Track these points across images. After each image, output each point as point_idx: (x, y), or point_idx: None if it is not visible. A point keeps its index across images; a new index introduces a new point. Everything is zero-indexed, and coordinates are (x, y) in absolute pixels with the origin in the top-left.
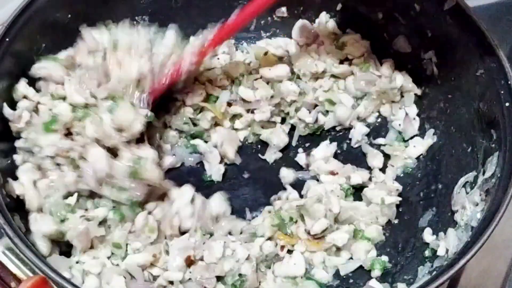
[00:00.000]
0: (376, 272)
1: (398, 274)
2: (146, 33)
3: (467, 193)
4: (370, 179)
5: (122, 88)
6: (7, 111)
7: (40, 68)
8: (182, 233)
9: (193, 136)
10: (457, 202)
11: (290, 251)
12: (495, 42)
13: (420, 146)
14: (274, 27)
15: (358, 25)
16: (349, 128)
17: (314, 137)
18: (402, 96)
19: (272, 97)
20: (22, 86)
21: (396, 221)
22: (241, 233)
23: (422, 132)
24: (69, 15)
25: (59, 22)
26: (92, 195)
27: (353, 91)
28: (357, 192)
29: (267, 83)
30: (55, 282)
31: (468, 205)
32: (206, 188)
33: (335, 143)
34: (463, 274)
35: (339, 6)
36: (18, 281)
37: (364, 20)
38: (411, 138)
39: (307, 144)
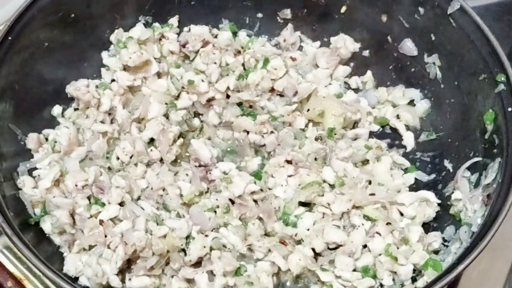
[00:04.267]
0: None
1: None
2: None
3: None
4: None
5: None
6: None
7: None
8: None
9: None
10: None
11: None
12: (499, 47)
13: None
14: (278, 29)
15: (362, 28)
16: None
17: None
18: None
19: None
20: None
21: None
22: None
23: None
24: (72, 15)
25: (62, 22)
26: None
27: None
28: None
29: None
30: (53, 281)
31: (469, 206)
32: None
33: None
34: (464, 274)
35: (343, 9)
36: (15, 280)
37: (368, 23)
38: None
39: None
